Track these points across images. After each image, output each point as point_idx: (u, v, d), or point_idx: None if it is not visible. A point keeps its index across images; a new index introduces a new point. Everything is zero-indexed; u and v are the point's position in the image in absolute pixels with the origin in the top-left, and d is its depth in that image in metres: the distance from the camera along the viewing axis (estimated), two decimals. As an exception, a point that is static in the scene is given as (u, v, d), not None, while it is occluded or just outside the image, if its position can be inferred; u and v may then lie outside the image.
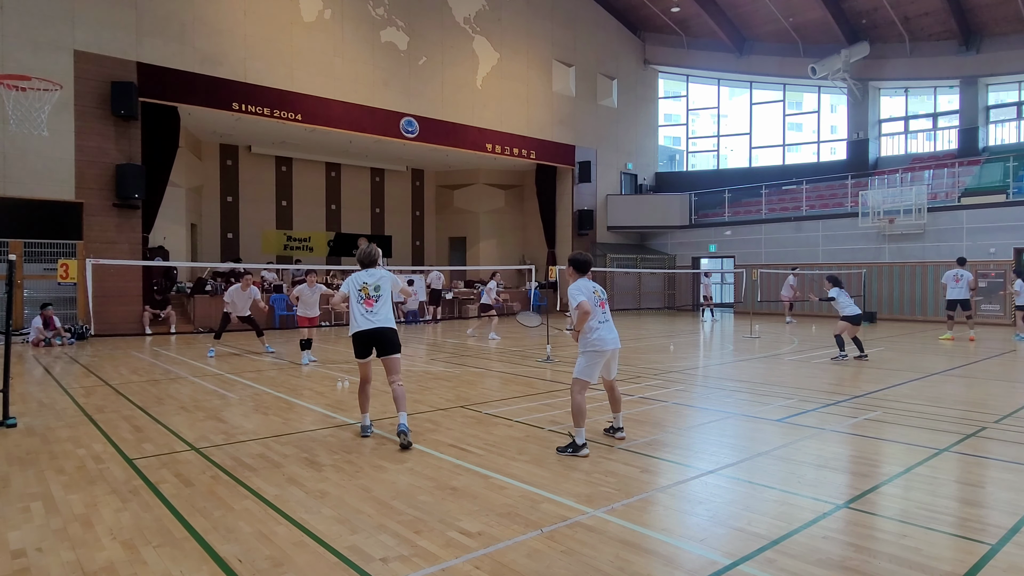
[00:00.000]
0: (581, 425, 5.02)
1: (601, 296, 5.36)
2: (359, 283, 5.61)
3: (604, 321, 5.26)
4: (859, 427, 5.92)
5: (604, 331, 5.21)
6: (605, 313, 5.31)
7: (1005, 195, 19.37)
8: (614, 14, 27.09)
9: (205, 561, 3.13)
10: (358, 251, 5.93)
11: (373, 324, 5.49)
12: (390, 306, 5.67)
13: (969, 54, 22.66)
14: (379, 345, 5.52)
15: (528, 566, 3.07)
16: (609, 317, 5.34)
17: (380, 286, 5.62)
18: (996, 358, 11.15)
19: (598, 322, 5.21)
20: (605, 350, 5.18)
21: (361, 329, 5.49)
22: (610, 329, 5.27)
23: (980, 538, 3.41)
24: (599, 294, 5.35)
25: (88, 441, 5.46)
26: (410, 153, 22.94)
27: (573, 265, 5.40)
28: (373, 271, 5.74)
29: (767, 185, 25.39)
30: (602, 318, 5.26)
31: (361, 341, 5.51)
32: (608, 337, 5.21)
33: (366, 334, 5.49)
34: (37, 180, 14.18)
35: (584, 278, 5.34)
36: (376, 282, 5.63)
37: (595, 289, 5.34)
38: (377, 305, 5.56)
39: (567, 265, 5.48)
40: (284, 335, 15.83)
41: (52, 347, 12.85)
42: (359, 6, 19.47)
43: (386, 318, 5.58)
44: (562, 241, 25.24)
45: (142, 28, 15.54)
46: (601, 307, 5.29)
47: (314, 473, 4.54)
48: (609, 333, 5.24)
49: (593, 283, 5.38)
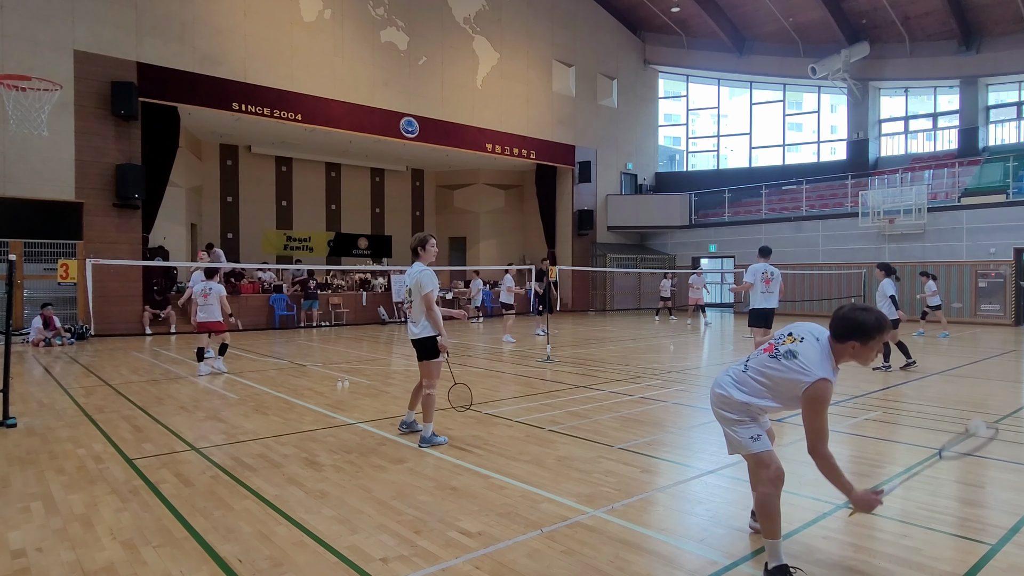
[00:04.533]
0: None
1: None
2: (404, 283, 5.53)
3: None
4: (859, 427, 5.92)
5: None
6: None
7: (1005, 195, 19.37)
8: (614, 14, 27.09)
9: (205, 561, 3.13)
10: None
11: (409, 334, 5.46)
12: (418, 311, 5.30)
13: (969, 54, 22.66)
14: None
15: (528, 566, 3.07)
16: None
17: (412, 289, 5.33)
18: (996, 358, 11.15)
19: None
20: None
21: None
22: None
23: (980, 538, 3.41)
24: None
25: (88, 441, 5.46)
26: (410, 153, 22.94)
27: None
28: (411, 269, 5.39)
29: (767, 185, 25.39)
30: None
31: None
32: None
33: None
34: (37, 180, 14.18)
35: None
36: (410, 284, 5.35)
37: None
38: (412, 311, 5.38)
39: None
40: (284, 335, 15.83)
41: (52, 347, 12.85)
42: (359, 6, 19.47)
43: (410, 326, 5.41)
44: (562, 241, 25.24)
45: (142, 28, 15.54)
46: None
47: (314, 473, 4.54)
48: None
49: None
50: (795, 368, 2.92)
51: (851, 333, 2.87)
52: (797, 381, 2.91)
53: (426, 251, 5.41)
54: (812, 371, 2.89)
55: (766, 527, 3.00)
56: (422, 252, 5.40)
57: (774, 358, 3.02)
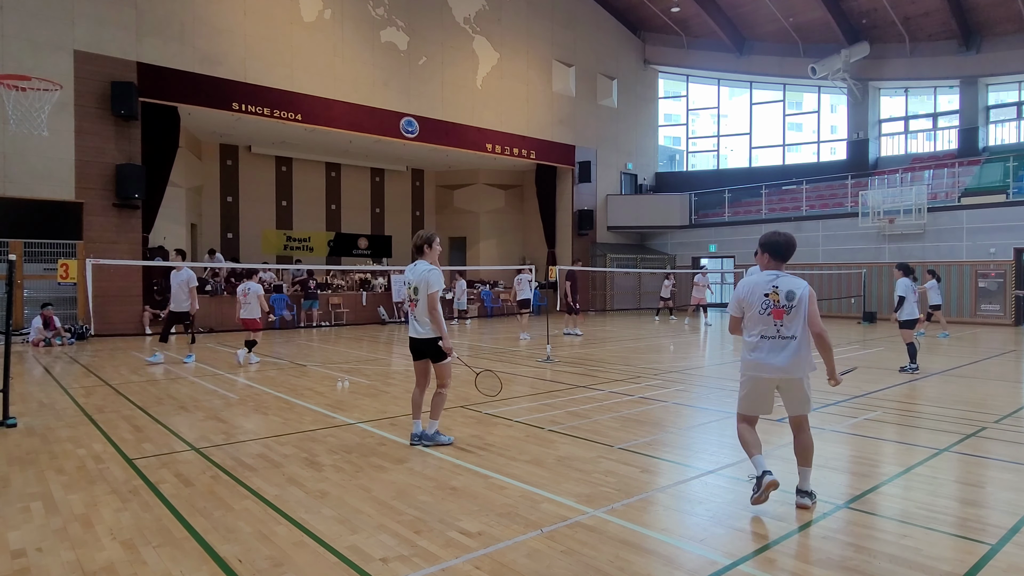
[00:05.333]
0: (752, 455, 3.85)
1: (781, 302, 3.82)
2: (405, 281, 5.38)
3: (771, 336, 3.83)
4: (859, 427, 5.92)
5: (763, 351, 3.84)
6: (777, 326, 3.81)
7: (1005, 195, 19.37)
8: (614, 14, 27.09)
9: (205, 561, 3.13)
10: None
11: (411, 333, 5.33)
12: (423, 310, 5.17)
13: (969, 54, 22.66)
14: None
15: (528, 566, 3.07)
16: (782, 332, 3.81)
17: (419, 288, 5.17)
18: (996, 358, 11.15)
19: (760, 337, 3.86)
20: (762, 377, 3.87)
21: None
22: (774, 349, 3.81)
23: (980, 538, 3.41)
24: (778, 297, 3.82)
25: (88, 441, 5.46)
26: (410, 153, 22.94)
27: (767, 250, 3.97)
28: (416, 267, 5.27)
29: (767, 185, 25.39)
30: (768, 331, 3.84)
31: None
32: (767, 361, 3.82)
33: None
34: (37, 180, 14.18)
35: (768, 270, 3.97)
36: (415, 282, 5.20)
37: (771, 289, 3.85)
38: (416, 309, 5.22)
39: (759, 250, 4.05)
40: (284, 335, 15.83)
41: (52, 347, 12.85)
42: (359, 6, 19.47)
43: (415, 326, 5.26)
44: (562, 241, 25.24)
45: (142, 28, 15.54)
46: (775, 316, 3.82)
47: (314, 473, 4.54)
48: (771, 355, 3.81)
49: (777, 277, 3.89)
50: (803, 295, 3.82)
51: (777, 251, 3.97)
52: (805, 297, 3.82)
53: (432, 249, 5.33)
54: (802, 284, 3.86)
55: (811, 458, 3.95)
56: (428, 250, 5.30)
57: (790, 311, 3.81)
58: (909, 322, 9.31)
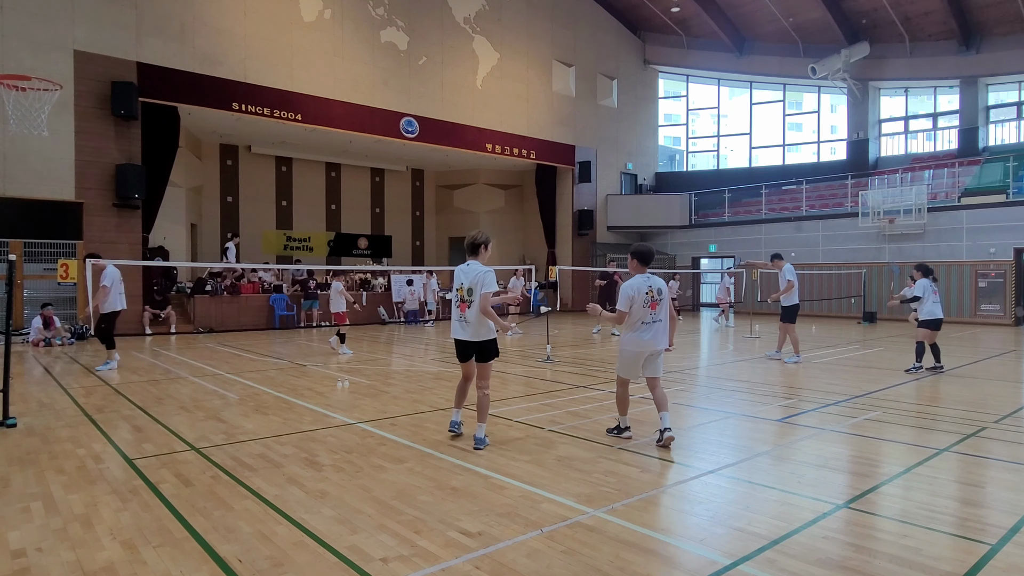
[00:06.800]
0: (625, 412, 5.52)
1: (655, 296, 5.23)
2: (457, 283, 5.32)
3: (648, 322, 5.21)
4: (859, 427, 5.92)
5: (645, 333, 5.20)
6: (652, 315, 5.22)
7: (1005, 195, 19.38)
8: (614, 14, 27.10)
9: (205, 561, 3.13)
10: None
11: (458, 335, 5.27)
12: (476, 310, 5.12)
13: (969, 54, 22.66)
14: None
15: (528, 566, 3.07)
16: (655, 318, 5.23)
17: (473, 288, 5.13)
18: (996, 358, 11.15)
19: (641, 323, 5.21)
20: (643, 352, 5.25)
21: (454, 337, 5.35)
22: (650, 332, 5.22)
23: (980, 538, 3.41)
24: (653, 293, 5.23)
25: (88, 441, 5.46)
26: (410, 153, 22.94)
27: (637, 257, 5.34)
28: (469, 267, 5.25)
29: (767, 185, 25.40)
30: (647, 318, 5.20)
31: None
32: (647, 340, 5.22)
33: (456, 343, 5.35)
34: (37, 180, 14.18)
35: (644, 274, 5.30)
36: (471, 283, 5.16)
37: (648, 287, 5.23)
38: (469, 311, 5.17)
39: (630, 257, 5.40)
40: (284, 335, 15.83)
41: (52, 347, 12.85)
42: (359, 6, 19.47)
43: (464, 327, 5.22)
44: (562, 241, 25.25)
45: (142, 28, 15.55)
46: (652, 308, 5.21)
47: (314, 473, 4.54)
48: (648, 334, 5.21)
49: (649, 278, 5.29)
50: (665, 289, 5.33)
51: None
52: (666, 290, 5.37)
53: (487, 251, 5.39)
54: (663, 281, 5.33)
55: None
56: (484, 251, 5.35)
57: (660, 303, 5.24)
58: (928, 322, 9.29)
